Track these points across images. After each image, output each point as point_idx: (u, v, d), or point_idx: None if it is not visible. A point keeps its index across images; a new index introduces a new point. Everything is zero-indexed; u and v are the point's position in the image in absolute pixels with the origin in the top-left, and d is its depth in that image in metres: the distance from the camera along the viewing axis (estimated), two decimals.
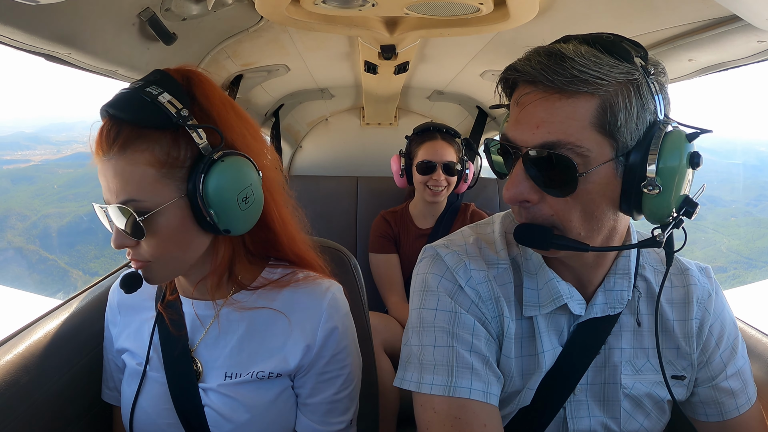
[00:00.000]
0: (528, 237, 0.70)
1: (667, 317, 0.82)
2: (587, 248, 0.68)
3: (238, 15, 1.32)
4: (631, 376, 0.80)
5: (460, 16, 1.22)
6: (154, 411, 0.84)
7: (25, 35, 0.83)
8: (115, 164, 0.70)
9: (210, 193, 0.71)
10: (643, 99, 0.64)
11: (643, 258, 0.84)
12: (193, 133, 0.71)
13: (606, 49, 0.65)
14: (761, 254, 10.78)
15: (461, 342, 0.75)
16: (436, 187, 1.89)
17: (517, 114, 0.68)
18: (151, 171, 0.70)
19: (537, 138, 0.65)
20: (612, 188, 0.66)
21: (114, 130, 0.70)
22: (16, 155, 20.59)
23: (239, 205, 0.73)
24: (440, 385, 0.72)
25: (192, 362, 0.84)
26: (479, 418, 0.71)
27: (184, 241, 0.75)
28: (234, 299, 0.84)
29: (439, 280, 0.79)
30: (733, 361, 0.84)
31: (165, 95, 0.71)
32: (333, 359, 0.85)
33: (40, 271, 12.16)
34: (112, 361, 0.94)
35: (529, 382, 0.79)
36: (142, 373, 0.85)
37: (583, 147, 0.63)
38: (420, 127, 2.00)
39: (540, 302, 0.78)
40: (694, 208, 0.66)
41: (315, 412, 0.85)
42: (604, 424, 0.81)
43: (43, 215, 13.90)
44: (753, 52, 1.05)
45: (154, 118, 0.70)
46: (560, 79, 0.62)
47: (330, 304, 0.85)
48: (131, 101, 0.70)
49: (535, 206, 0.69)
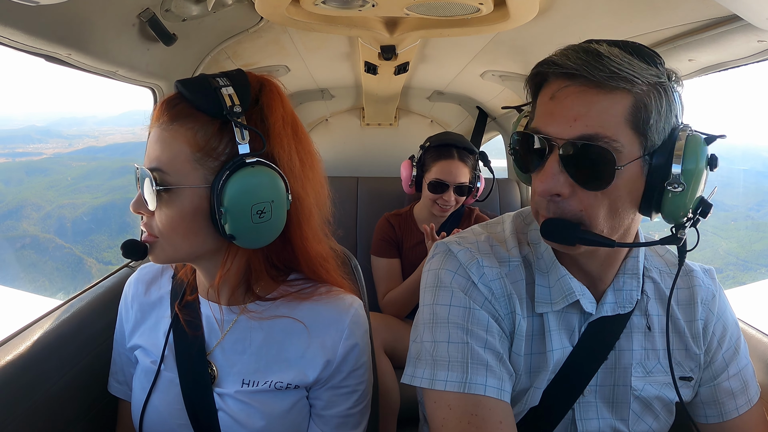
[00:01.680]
0: (555, 232, 0.70)
1: (677, 318, 0.83)
2: (613, 243, 0.69)
3: (238, 15, 1.32)
4: (642, 378, 0.80)
5: (460, 16, 1.23)
6: (165, 410, 0.84)
7: (25, 36, 0.83)
8: (160, 133, 0.73)
9: (227, 192, 0.71)
10: (670, 102, 0.67)
11: (648, 261, 0.85)
12: (237, 129, 0.72)
13: (636, 52, 0.67)
14: (758, 257, 10.93)
15: (475, 338, 0.75)
16: (446, 206, 1.87)
17: (552, 108, 0.68)
18: (187, 150, 0.72)
19: (575, 131, 0.65)
20: (637, 186, 0.68)
21: (173, 102, 0.74)
22: (29, 148, 20.68)
23: (252, 216, 0.72)
24: (455, 382, 0.72)
25: (207, 365, 0.83)
26: (495, 414, 0.71)
27: (189, 230, 0.75)
28: (250, 308, 0.84)
29: (453, 276, 0.79)
30: (735, 361, 0.84)
31: (229, 89, 0.73)
32: (351, 375, 0.84)
33: (57, 259, 12.36)
34: (123, 355, 0.93)
35: (536, 381, 0.78)
36: (156, 372, 0.85)
37: (618, 142, 0.65)
38: (437, 140, 1.91)
39: (552, 299, 0.78)
40: (709, 209, 0.69)
41: (328, 423, 0.85)
42: (612, 426, 0.80)
43: (58, 206, 14.08)
44: (753, 52, 1.05)
45: (207, 103, 0.72)
46: (601, 74, 0.63)
47: (353, 320, 0.84)
48: (196, 83, 0.74)
49: (565, 201, 0.68)
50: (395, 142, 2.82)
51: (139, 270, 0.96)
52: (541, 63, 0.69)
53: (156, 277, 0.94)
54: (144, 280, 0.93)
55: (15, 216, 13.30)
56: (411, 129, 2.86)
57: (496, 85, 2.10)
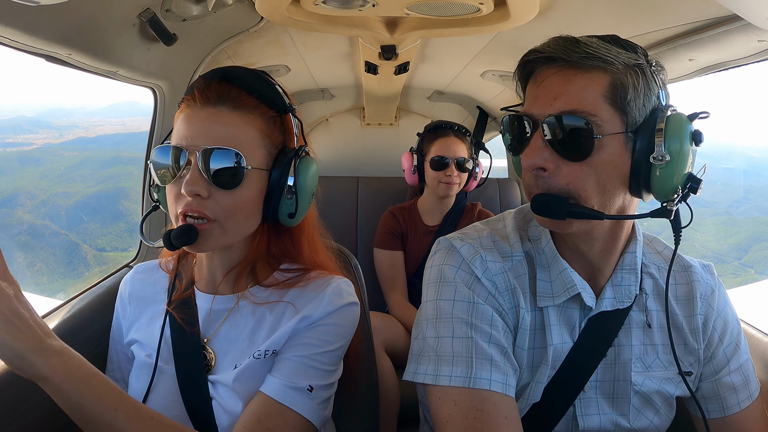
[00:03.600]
0: (545, 206, 0.72)
1: (675, 313, 0.83)
2: (602, 216, 0.71)
3: (238, 15, 1.32)
4: (642, 372, 0.81)
5: (460, 16, 1.23)
6: (162, 403, 0.84)
7: (25, 36, 0.83)
8: (227, 115, 0.77)
9: (300, 176, 0.81)
10: (648, 82, 0.71)
11: (646, 258, 0.85)
12: (295, 125, 0.83)
13: (614, 41, 0.73)
14: (731, 250, 11.36)
15: (480, 333, 0.75)
16: (450, 181, 1.91)
17: (536, 91, 0.74)
18: (257, 134, 0.79)
19: (555, 108, 0.70)
20: (623, 162, 0.71)
21: (233, 90, 0.78)
22: (19, 138, 20.77)
23: (309, 197, 0.83)
24: (460, 377, 0.72)
25: (203, 354, 0.84)
26: (500, 409, 0.71)
27: (250, 211, 0.80)
28: (250, 293, 0.86)
29: (456, 270, 0.80)
30: (736, 356, 0.84)
31: (279, 87, 0.82)
32: (318, 328, 0.83)
33: (54, 244, 12.56)
34: (120, 352, 0.94)
35: (537, 375, 0.79)
36: (155, 366, 0.85)
37: (597, 116, 0.69)
38: (432, 124, 2.02)
39: (554, 293, 0.79)
40: (698, 184, 0.70)
41: (283, 369, 0.81)
42: (613, 421, 0.81)
43: (52, 194, 14.26)
44: (753, 52, 1.05)
45: (272, 97, 0.81)
46: (576, 55, 0.69)
47: (333, 291, 0.85)
48: (256, 77, 0.81)
49: (551, 176, 0.72)
50: (395, 142, 2.81)
51: (135, 268, 0.97)
52: (526, 53, 0.75)
53: (151, 274, 0.95)
54: (140, 277, 0.95)
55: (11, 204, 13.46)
56: (411, 129, 2.85)
57: (496, 84, 2.10)
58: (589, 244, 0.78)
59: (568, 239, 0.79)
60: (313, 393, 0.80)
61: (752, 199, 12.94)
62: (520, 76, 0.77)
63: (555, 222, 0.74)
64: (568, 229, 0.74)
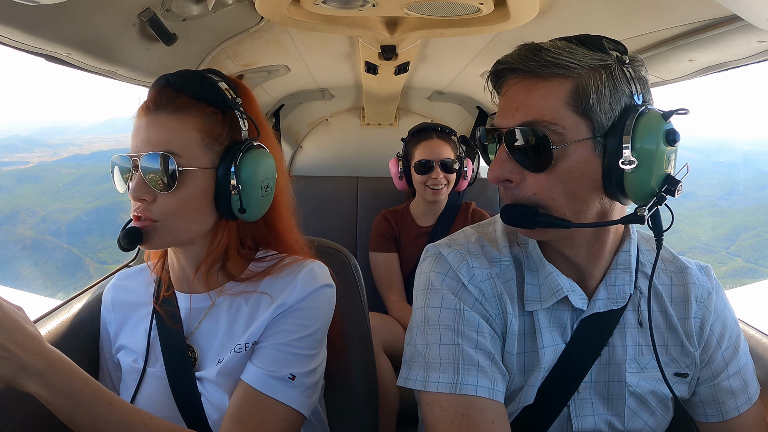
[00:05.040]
0: (513, 216, 0.73)
1: (671, 314, 0.83)
2: (569, 224, 0.70)
3: (238, 15, 1.32)
4: (636, 373, 0.80)
5: (460, 16, 1.22)
6: (151, 405, 0.84)
7: (25, 36, 0.83)
8: (165, 120, 0.79)
9: (242, 171, 0.80)
10: (615, 82, 0.69)
11: (643, 256, 0.85)
12: (241, 119, 0.83)
13: (581, 42, 0.71)
14: (718, 241, 11.64)
15: (466, 339, 0.75)
16: (436, 186, 1.90)
17: (502, 103, 0.74)
18: (197, 135, 0.80)
19: (516, 119, 0.70)
20: (593, 168, 0.69)
21: (172, 94, 0.80)
22: (14, 157, 21.01)
23: (261, 190, 0.82)
24: (446, 383, 0.73)
25: (187, 352, 0.85)
26: (487, 415, 0.71)
27: (197, 210, 0.81)
28: (225, 289, 0.88)
29: (443, 278, 0.80)
30: (735, 360, 0.84)
31: (223, 83, 0.83)
32: (294, 314, 0.83)
33: (57, 259, 12.73)
34: (110, 360, 0.95)
35: (530, 379, 0.79)
36: (142, 370, 0.86)
37: (558, 125, 0.68)
38: (415, 128, 2.01)
39: (541, 297, 0.79)
40: (676, 186, 0.68)
41: (263, 358, 0.81)
42: (608, 422, 0.81)
43: (51, 211, 14.43)
44: (753, 52, 1.05)
45: (211, 96, 0.82)
46: (534, 64, 0.68)
47: (306, 275, 0.86)
48: (194, 78, 0.83)
49: (518, 186, 0.72)
50: (395, 142, 2.80)
51: (117, 275, 0.99)
52: (494, 63, 0.75)
53: (133, 279, 0.97)
54: (121, 284, 0.97)
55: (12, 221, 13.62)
56: None
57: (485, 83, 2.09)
58: (573, 249, 0.78)
59: (553, 244, 0.79)
60: (296, 381, 0.80)
61: (741, 191, 13.16)
62: (494, 86, 0.77)
63: (528, 231, 0.74)
64: (543, 236, 0.75)
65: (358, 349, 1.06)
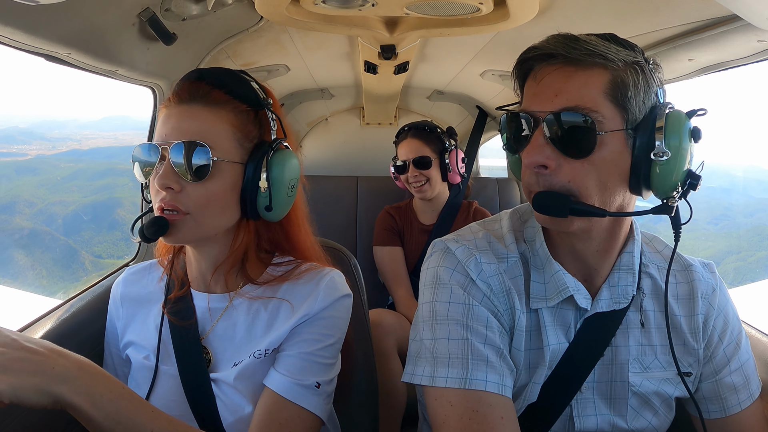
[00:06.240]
0: (546, 204, 0.72)
1: (674, 313, 0.83)
2: (605, 213, 0.71)
3: (238, 15, 1.32)
4: (639, 373, 0.81)
5: (460, 15, 1.23)
6: (163, 404, 0.84)
7: (25, 35, 0.83)
8: (199, 111, 0.79)
9: (273, 169, 0.81)
10: (647, 80, 0.71)
11: (645, 257, 0.85)
12: (271, 119, 0.84)
13: (612, 39, 0.73)
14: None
15: (475, 334, 0.75)
16: (416, 183, 1.92)
17: (535, 88, 0.73)
18: (230, 130, 0.80)
19: (556, 104, 0.70)
20: (624, 159, 0.71)
21: (206, 88, 0.80)
22: (13, 149, 21.01)
23: (287, 190, 0.83)
24: (455, 378, 0.72)
25: (202, 353, 0.85)
26: (496, 410, 0.71)
27: (224, 204, 0.80)
28: (243, 291, 0.87)
29: (451, 273, 0.80)
30: (736, 356, 0.84)
31: (255, 83, 0.84)
32: (317, 323, 0.84)
33: (54, 250, 12.79)
34: (116, 354, 0.94)
35: (535, 376, 0.79)
36: (155, 368, 0.85)
37: (598, 113, 0.69)
38: (399, 130, 2.05)
39: (546, 295, 0.79)
40: (698, 180, 0.71)
41: (289, 366, 0.82)
42: (611, 422, 0.81)
43: (50, 203, 14.49)
44: (753, 52, 1.05)
45: (246, 94, 0.83)
46: (576, 52, 0.69)
47: (327, 284, 0.86)
48: (230, 75, 0.83)
49: (553, 173, 0.71)
50: None
51: (127, 270, 0.98)
52: (525, 51, 0.74)
53: (144, 275, 0.96)
54: (132, 279, 0.96)
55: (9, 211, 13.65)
56: None
57: (496, 84, 2.10)
58: (586, 243, 0.78)
59: (565, 239, 0.79)
60: (320, 389, 0.81)
61: (731, 216, 13.34)
62: (519, 73, 0.77)
63: (556, 220, 0.73)
64: (569, 227, 0.74)
65: (358, 348, 1.06)
